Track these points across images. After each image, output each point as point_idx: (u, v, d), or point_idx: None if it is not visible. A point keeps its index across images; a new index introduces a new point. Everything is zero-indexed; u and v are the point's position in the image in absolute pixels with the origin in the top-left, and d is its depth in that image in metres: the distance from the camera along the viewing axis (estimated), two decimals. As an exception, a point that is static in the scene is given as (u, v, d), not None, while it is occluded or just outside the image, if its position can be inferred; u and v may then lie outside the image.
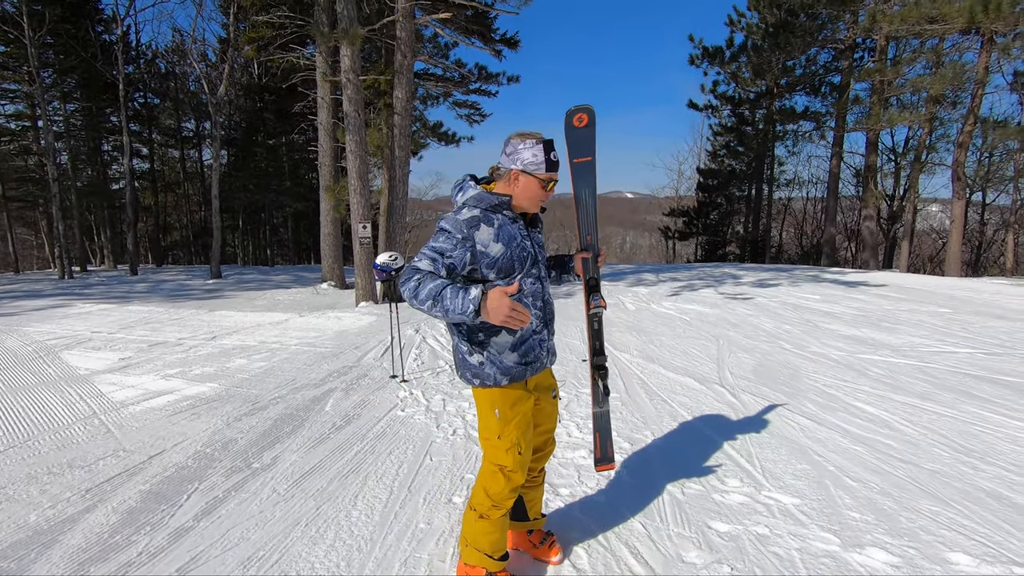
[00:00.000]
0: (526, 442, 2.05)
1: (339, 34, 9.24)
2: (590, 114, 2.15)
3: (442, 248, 1.82)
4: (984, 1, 10.10)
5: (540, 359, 2.08)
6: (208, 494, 2.97)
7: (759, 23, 19.59)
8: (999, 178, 19.56)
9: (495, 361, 1.97)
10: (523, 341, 2.01)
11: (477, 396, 2.05)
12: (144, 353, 6.28)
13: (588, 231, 2.26)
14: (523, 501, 2.32)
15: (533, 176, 1.91)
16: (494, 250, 1.87)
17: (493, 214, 1.91)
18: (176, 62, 25.94)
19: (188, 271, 19.62)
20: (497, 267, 1.89)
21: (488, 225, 1.87)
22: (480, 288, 1.71)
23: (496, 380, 1.98)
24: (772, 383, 4.87)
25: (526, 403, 2.05)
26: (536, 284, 2.02)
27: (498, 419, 2.00)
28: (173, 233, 32.18)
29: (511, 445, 2.00)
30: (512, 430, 2.01)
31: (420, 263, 1.80)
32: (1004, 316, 7.98)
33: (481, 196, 1.92)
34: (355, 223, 9.90)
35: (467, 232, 1.84)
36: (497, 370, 1.97)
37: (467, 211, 1.89)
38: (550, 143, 1.93)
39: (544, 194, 1.96)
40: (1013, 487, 2.91)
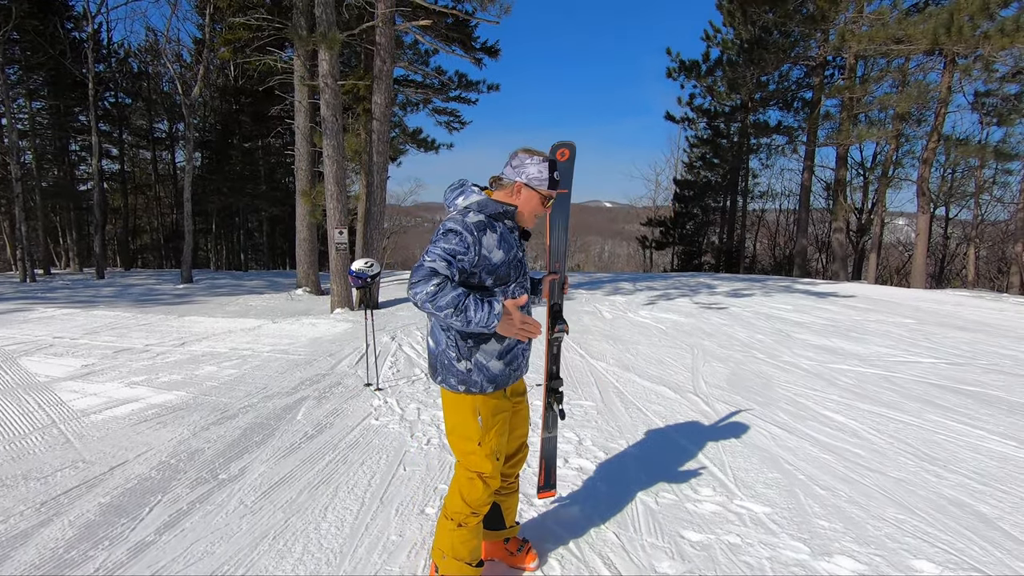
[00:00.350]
0: (503, 449, 2.10)
1: (317, 38, 9.16)
2: (571, 150, 2.30)
3: (454, 250, 1.80)
4: (947, 24, 10.51)
5: (521, 367, 2.13)
6: (171, 507, 2.87)
7: (734, 39, 20.05)
8: (961, 194, 20.29)
9: (483, 368, 1.98)
10: (509, 350, 2.03)
11: (457, 402, 2.02)
12: (109, 360, 6.08)
13: (557, 258, 2.35)
14: (500, 509, 2.32)
15: (536, 191, 1.98)
16: (496, 257, 1.90)
17: (496, 222, 1.94)
18: (149, 62, 25.43)
19: (158, 275, 19.13)
20: (496, 274, 1.93)
21: (492, 232, 1.90)
22: (502, 302, 1.80)
23: (482, 387, 1.99)
24: (745, 392, 4.94)
25: (506, 410, 2.09)
26: (523, 294, 2.06)
27: (480, 426, 2.01)
28: (143, 236, 31.39)
29: (491, 452, 2.02)
30: (493, 437, 2.03)
31: (435, 264, 1.76)
32: (965, 327, 8.25)
33: (486, 203, 1.94)
34: (331, 228, 9.78)
35: (476, 235, 1.85)
36: (484, 377, 1.99)
37: (473, 215, 1.90)
38: (555, 163, 2.01)
39: (543, 210, 2.04)
40: (974, 495, 2.99)
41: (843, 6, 14.26)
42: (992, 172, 18.69)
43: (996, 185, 19.11)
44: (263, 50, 12.61)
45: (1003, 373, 5.60)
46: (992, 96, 15.64)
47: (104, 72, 22.59)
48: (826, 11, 14.21)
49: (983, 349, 6.74)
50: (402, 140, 18.76)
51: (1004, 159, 15.58)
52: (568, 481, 3.16)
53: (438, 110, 17.87)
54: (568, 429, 3.97)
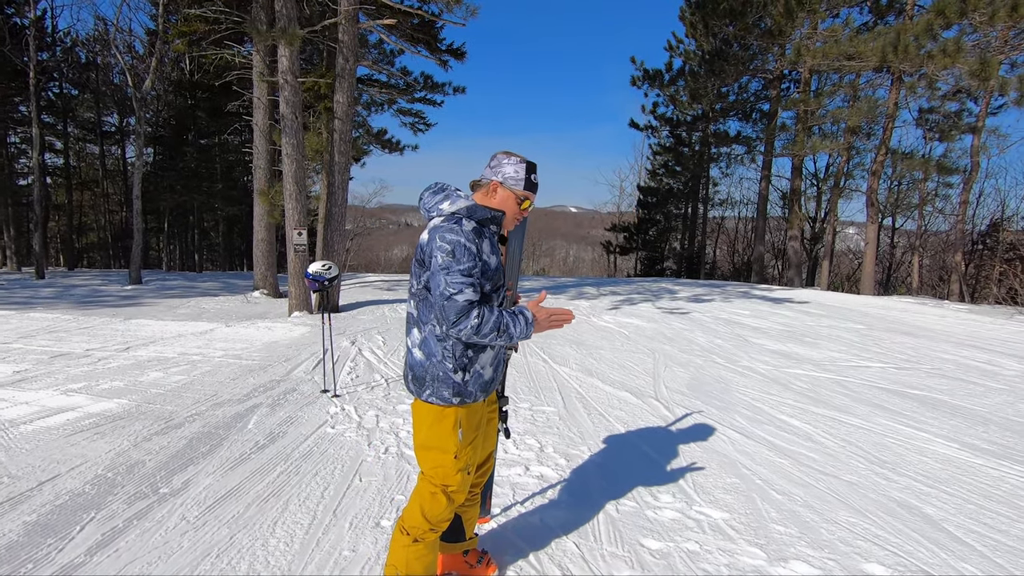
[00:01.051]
0: (475, 462, 2.06)
1: (277, 33, 8.90)
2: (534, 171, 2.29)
3: (470, 268, 1.77)
4: (895, 42, 11.02)
5: (502, 372, 2.15)
6: (105, 524, 2.68)
7: (696, 50, 20.55)
8: (906, 205, 21.30)
9: (478, 378, 1.93)
10: (497, 355, 2.03)
11: (440, 415, 1.91)
12: (44, 365, 5.71)
13: (510, 277, 2.33)
14: (461, 521, 2.25)
15: (511, 191, 1.95)
16: (493, 262, 1.89)
17: (485, 227, 1.91)
18: (98, 52, 24.25)
19: (104, 275, 18.21)
20: (492, 279, 1.89)
21: (485, 238, 1.88)
22: (528, 308, 1.87)
23: (475, 396, 1.94)
24: (705, 397, 5.00)
25: (483, 421, 2.08)
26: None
27: (460, 439, 1.93)
28: (89, 234, 29.90)
29: (464, 465, 1.96)
30: (469, 450, 1.98)
31: (467, 294, 1.75)
32: (911, 333, 8.62)
33: (475, 208, 1.90)
34: (290, 229, 9.50)
35: (478, 243, 1.82)
36: (478, 387, 1.94)
37: (467, 223, 1.85)
38: (533, 165, 1.98)
39: (518, 211, 1.99)
40: (921, 497, 3.09)
41: (799, 22, 14.80)
42: (935, 185, 19.70)
43: (938, 197, 20.15)
44: (220, 44, 12.17)
45: (945, 377, 5.85)
46: (935, 113, 16.50)
47: (48, 61, 21.43)
48: (783, 26, 14.72)
49: (927, 354, 7.04)
50: (366, 140, 18.47)
51: (945, 173, 16.44)
52: (528, 489, 3.11)
53: (403, 111, 17.66)
54: (530, 436, 3.92)
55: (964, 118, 15.92)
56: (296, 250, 9.41)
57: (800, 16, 14.55)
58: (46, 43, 21.44)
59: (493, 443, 2.28)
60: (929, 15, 10.95)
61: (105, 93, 24.77)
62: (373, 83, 15.96)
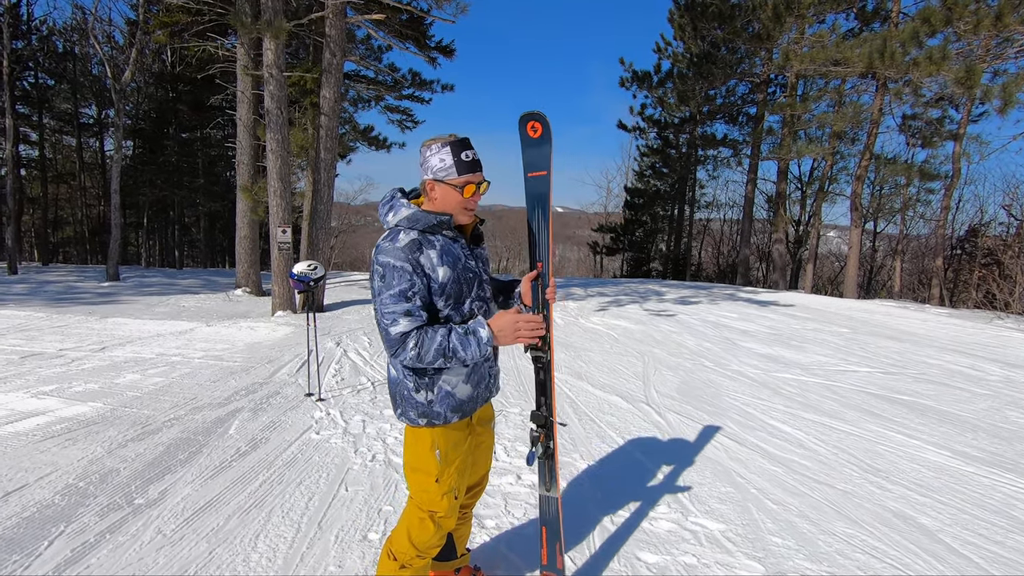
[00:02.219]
0: (464, 485, 1.91)
1: (262, 26, 8.69)
2: (544, 123, 1.94)
3: (403, 290, 1.62)
4: (880, 49, 11.14)
5: (489, 389, 1.93)
6: (76, 538, 2.54)
7: (684, 52, 20.63)
8: (888, 209, 21.63)
9: (446, 397, 1.77)
10: (476, 369, 1.83)
11: (415, 436, 1.81)
12: (14, 366, 5.49)
13: (540, 256, 1.99)
14: (452, 538, 2.15)
15: (445, 183, 1.70)
16: (441, 275, 1.68)
17: (432, 235, 1.71)
18: (76, 41, 23.63)
19: (80, 271, 17.73)
20: (446, 293, 1.71)
21: (429, 248, 1.68)
22: (487, 328, 1.67)
23: (446, 419, 1.77)
24: (695, 402, 4.96)
25: (467, 441, 1.89)
26: (484, 306, 1.85)
27: (439, 461, 1.80)
28: (66, 229, 29.14)
29: (449, 490, 1.82)
30: (453, 473, 1.83)
31: (400, 325, 1.62)
32: (895, 337, 8.70)
33: (417, 216, 1.69)
34: (274, 227, 9.30)
35: (413, 259, 1.64)
36: (448, 407, 1.77)
37: (404, 235, 1.67)
38: (461, 141, 1.70)
39: (464, 200, 1.72)
40: (916, 507, 3.06)
41: (786, 27, 14.92)
42: (916, 190, 20.01)
43: (920, 203, 20.48)
44: (203, 36, 11.89)
45: (932, 382, 5.89)
46: (918, 119, 16.74)
47: (23, 50, 20.82)
48: (771, 30, 14.82)
49: (912, 359, 7.09)
50: (352, 137, 18.23)
51: (927, 178, 16.71)
52: (521, 500, 3.03)
53: (391, 108, 17.45)
54: (520, 443, 3.84)
55: (946, 125, 16.19)
56: (280, 248, 9.21)
57: (788, 21, 14.67)
58: (21, 31, 20.83)
59: (486, 462, 2.11)
60: (915, 22, 11.08)
61: (83, 84, 24.12)
62: (360, 79, 15.75)
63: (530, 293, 1.96)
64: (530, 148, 1.97)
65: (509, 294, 2.05)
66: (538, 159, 1.96)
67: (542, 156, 1.96)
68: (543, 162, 1.96)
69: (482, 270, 1.87)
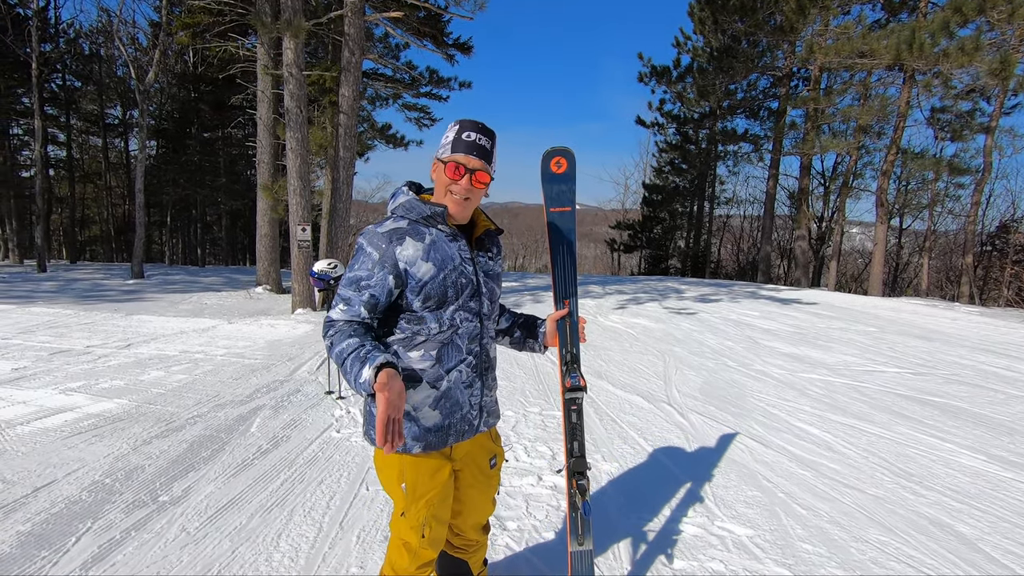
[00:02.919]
0: (438, 520, 1.66)
1: (282, 25, 8.75)
2: (569, 158, 1.87)
3: (358, 276, 1.51)
4: (909, 40, 10.84)
5: (469, 420, 1.66)
6: (102, 535, 2.57)
7: (704, 46, 20.33)
8: (916, 205, 21.09)
9: (408, 422, 1.56)
10: (447, 393, 1.60)
11: (381, 461, 1.63)
12: (43, 362, 5.61)
13: (566, 293, 1.88)
14: (468, 564, 1.96)
15: (439, 161, 1.56)
16: (422, 271, 1.51)
17: (425, 227, 1.56)
18: (102, 44, 24.12)
19: (106, 269, 18.13)
20: (424, 293, 1.52)
21: (416, 239, 1.52)
22: (375, 365, 1.33)
23: (405, 447, 1.56)
24: (719, 402, 4.87)
25: (442, 474, 1.63)
26: (474, 321, 1.62)
27: (405, 494, 1.59)
28: (92, 227, 29.85)
29: (417, 525, 1.61)
30: (422, 508, 1.60)
31: (335, 311, 1.52)
32: (924, 336, 8.47)
33: (411, 204, 1.57)
34: (294, 225, 9.38)
35: (386, 248, 1.50)
36: (410, 434, 1.56)
37: (391, 222, 1.56)
38: (469, 122, 1.55)
39: (448, 181, 1.53)
40: (953, 514, 2.95)
41: (810, 19, 14.59)
42: (945, 185, 19.48)
43: (949, 198, 19.93)
44: (224, 36, 12.04)
45: (964, 384, 5.71)
46: (947, 112, 16.27)
47: (51, 52, 21.30)
48: (794, 23, 14.51)
49: (942, 359, 6.89)
50: (370, 135, 18.32)
51: (957, 173, 16.25)
52: (543, 502, 2.99)
53: (408, 106, 17.51)
54: (541, 443, 3.80)
55: (977, 117, 15.70)
56: (300, 246, 9.29)
57: (812, 13, 14.34)
58: (49, 34, 21.33)
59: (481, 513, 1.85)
60: (946, 12, 10.74)
61: (108, 85, 24.64)
62: (378, 77, 15.81)
63: (556, 334, 1.83)
64: (554, 184, 1.91)
65: (532, 333, 1.89)
66: (562, 195, 1.91)
67: (567, 192, 1.90)
68: (567, 198, 1.91)
69: (483, 281, 1.64)
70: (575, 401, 1.86)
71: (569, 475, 1.88)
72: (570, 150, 1.88)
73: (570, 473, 1.88)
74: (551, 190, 1.91)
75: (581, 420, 1.88)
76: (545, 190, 1.91)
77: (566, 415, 1.88)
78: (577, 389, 1.83)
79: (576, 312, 1.90)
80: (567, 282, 1.92)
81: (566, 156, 1.88)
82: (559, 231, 1.92)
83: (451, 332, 1.58)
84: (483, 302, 1.64)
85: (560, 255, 1.93)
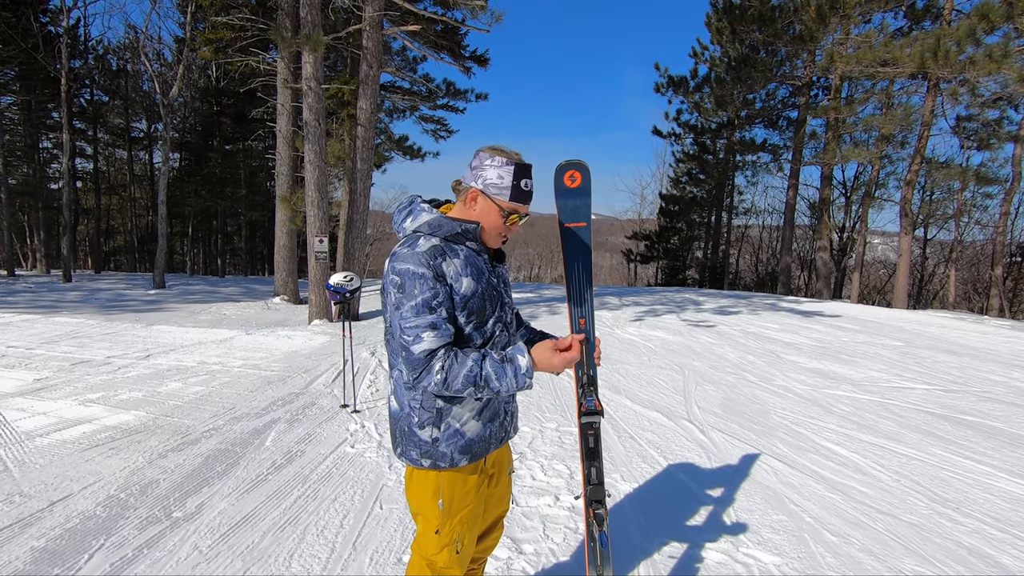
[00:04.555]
0: (471, 537, 1.66)
1: (301, 40, 8.88)
2: (584, 172, 1.81)
3: (426, 300, 1.43)
4: (934, 48, 10.64)
5: (505, 428, 1.69)
6: (115, 552, 2.55)
7: (722, 56, 20.22)
8: (941, 215, 20.62)
9: (454, 436, 1.55)
10: (488, 405, 1.61)
11: (418, 480, 1.60)
12: (65, 373, 5.67)
13: (582, 313, 1.82)
14: None
15: (493, 201, 1.53)
16: (465, 286, 1.49)
17: (455, 244, 1.54)
18: (128, 59, 24.80)
19: (129, 279, 18.47)
20: (468, 308, 1.51)
21: (452, 257, 1.50)
22: (527, 355, 1.46)
23: (453, 461, 1.55)
24: (740, 419, 4.73)
25: (479, 490, 1.65)
26: (505, 332, 1.64)
27: (441, 511, 1.58)
28: (117, 238, 30.51)
29: (451, 542, 1.60)
30: (457, 525, 1.60)
31: (425, 342, 1.42)
32: (953, 351, 8.20)
33: (439, 222, 1.53)
34: (311, 236, 9.44)
35: (435, 264, 1.46)
36: (455, 447, 1.55)
37: (424, 241, 1.50)
38: (525, 168, 1.54)
39: (503, 227, 1.57)
40: (994, 543, 2.80)
41: (831, 27, 14.43)
42: (971, 195, 19.03)
43: (976, 208, 19.45)
44: (246, 51, 12.26)
45: (999, 402, 5.49)
46: (973, 121, 15.92)
47: (80, 68, 21.94)
48: (814, 31, 14.36)
49: (974, 375, 6.66)
50: (387, 147, 18.48)
51: (984, 183, 15.85)
52: (560, 523, 2.90)
53: (425, 118, 17.64)
54: (558, 460, 3.71)
55: (1005, 126, 15.32)
56: (317, 257, 9.34)
57: (832, 21, 14.18)
58: (78, 51, 21.97)
59: (500, 512, 1.84)
60: (972, 19, 10.52)
61: (134, 99, 25.28)
62: (396, 90, 15.96)
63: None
64: (568, 198, 1.84)
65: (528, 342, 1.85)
66: (577, 210, 1.83)
67: (581, 207, 1.83)
68: (582, 213, 1.83)
69: (504, 291, 1.67)
70: (592, 425, 1.80)
71: (587, 503, 1.82)
72: (584, 163, 1.82)
73: (587, 501, 1.81)
74: (565, 205, 1.85)
75: (599, 445, 1.84)
76: (559, 204, 1.85)
77: (583, 439, 1.83)
78: (593, 413, 1.78)
79: (592, 332, 1.83)
80: (583, 302, 1.84)
81: (580, 170, 1.82)
82: (574, 247, 1.85)
83: (489, 344, 1.59)
84: (508, 312, 1.68)
85: (575, 272, 1.85)
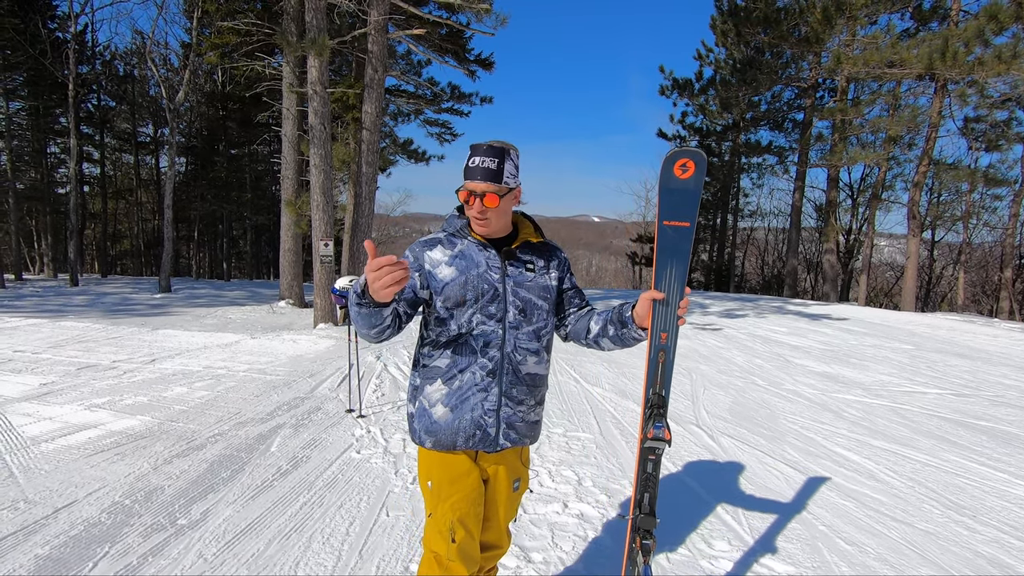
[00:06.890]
0: (465, 529, 1.63)
1: (307, 44, 8.89)
2: (700, 162, 1.59)
3: None
4: (942, 49, 10.56)
5: (483, 428, 1.64)
6: (119, 560, 2.52)
7: (727, 59, 20.16)
8: (949, 217, 20.46)
9: (423, 414, 1.69)
10: (459, 391, 1.63)
11: (419, 453, 1.77)
12: (71, 377, 5.67)
13: (665, 326, 1.63)
14: None
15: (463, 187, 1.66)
16: (443, 273, 1.65)
17: (458, 238, 1.72)
18: (135, 65, 24.96)
19: (135, 283, 18.55)
20: (444, 293, 1.65)
21: (447, 247, 1.69)
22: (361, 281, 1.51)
23: (420, 439, 1.69)
24: (750, 424, 4.68)
25: (467, 480, 1.65)
26: (493, 327, 1.64)
27: (431, 492, 1.67)
28: (123, 242, 30.66)
29: (445, 528, 1.61)
30: (448, 511, 1.62)
31: None
32: (964, 355, 8.11)
33: (450, 221, 1.77)
34: (316, 240, 9.44)
35: (419, 252, 1.69)
36: (422, 426, 1.69)
37: (433, 235, 1.77)
38: (476, 147, 1.61)
39: (475, 210, 1.61)
40: (1013, 553, 2.74)
41: (837, 29, 14.35)
42: (980, 196, 18.88)
43: (985, 210, 19.29)
44: (251, 55, 12.30)
45: (1012, 406, 5.41)
46: (981, 122, 15.80)
47: (87, 74, 22.09)
48: (820, 33, 14.29)
49: (986, 379, 6.57)
50: (392, 151, 18.50)
51: (993, 184, 15.71)
52: (569, 531, 2.86)
53: (430, 121, 17.65)
54: (566, 466, 3.67)
55: (1014, 127, 15.20)
56: (322, 261, 9.34)
57: (838, 23, 14.11)
58: (86, 56, 22.13)
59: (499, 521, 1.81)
60: (980, 20, 10.44)
61: (141, 104, 25.43)
62: (401, 93, 15.99)
63: (647, 312, 1.62)
64: (674, 192, 1.63)
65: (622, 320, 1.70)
66: (683, 206, 1.62)
67: (688, 203, 1.62)
68: (688, 211, 1.62)
69: (511, 289, 1.65)
70: (654, 451, 1.65)
71: (633, 527, 1.70)
72: (701, 152, 1.62)
73: (634, 526, 1.69)
74: (670, 199, 1.63)
75: (657, 472, 1.66)
76: (662, 199, 1.64)
77: (641, 463, 1.68)
78: (660, 440, 1.61)
79: (673, 348, 1.65)
80: (668, 316, 1.63)
81: (695, 158, 1.59)
82: (669, 249, 1.63)
83: (467, 334, 1.65)
84: (508, 310, 1.67)
85: (665, 279, 1.62)
